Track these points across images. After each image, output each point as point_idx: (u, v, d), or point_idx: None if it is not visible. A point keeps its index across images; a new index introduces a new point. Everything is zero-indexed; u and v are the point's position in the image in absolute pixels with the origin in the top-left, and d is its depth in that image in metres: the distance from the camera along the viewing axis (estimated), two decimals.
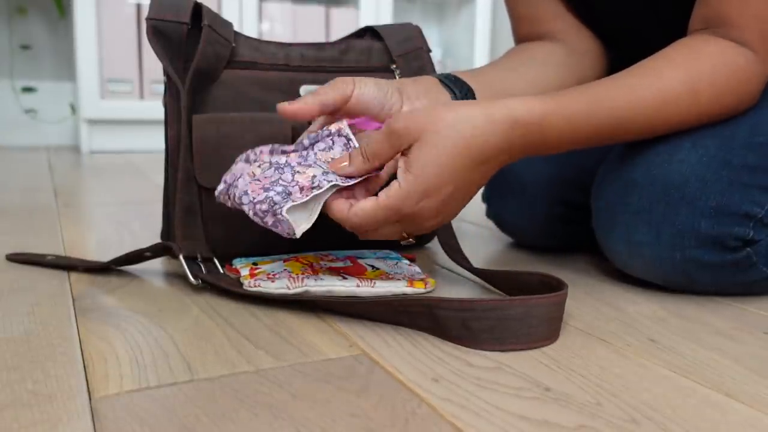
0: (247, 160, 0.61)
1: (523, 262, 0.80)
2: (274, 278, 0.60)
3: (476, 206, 1.20)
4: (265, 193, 0.55)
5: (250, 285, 0.60)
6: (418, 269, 0.68)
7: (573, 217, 0.82)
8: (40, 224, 0.93)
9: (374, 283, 0.61)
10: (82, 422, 0.38)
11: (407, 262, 0.70)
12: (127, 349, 0.49)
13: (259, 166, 0.58)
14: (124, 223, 0.96)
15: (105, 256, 0.77)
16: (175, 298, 0.61)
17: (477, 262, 0.79)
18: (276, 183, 0.56)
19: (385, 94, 0.61)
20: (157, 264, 0.73)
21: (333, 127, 0.59)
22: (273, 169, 0.57)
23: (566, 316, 0.60)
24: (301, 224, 0.55)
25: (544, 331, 0.52)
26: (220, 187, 0.61)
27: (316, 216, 0.56)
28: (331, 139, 0.59)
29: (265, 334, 0.53)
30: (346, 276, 0.62)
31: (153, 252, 0.66)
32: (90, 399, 0.41)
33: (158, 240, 0.85)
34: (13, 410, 0.40)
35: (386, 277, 0.63)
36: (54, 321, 0.55)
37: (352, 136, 0.59)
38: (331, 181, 0.55)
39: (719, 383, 0.46)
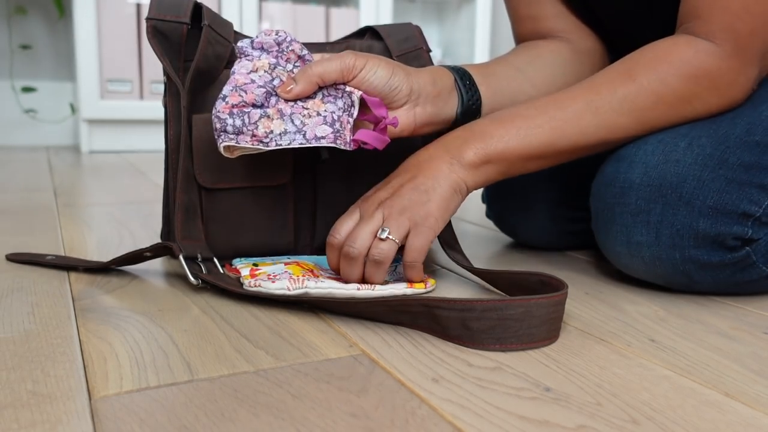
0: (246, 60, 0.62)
1: (523, 262, 0.80)
2: (275, 279, 0.60)
3: (476, 206, 1.20)
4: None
5: (250, 285, 0.60)
6: None
7: (573, 217, 0.82)
8: (40, 224, 0.93)
9: (374, 286, 0.60)
10: (82, 422, 0.38)
11: None
12: (127, 349, 0.49)
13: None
14: (124, 223, 0.96)
15: (105, 256, 0.77)
16: (175, 298, 0.61)
17: (477, 262, 0.79)
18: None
19: (390, 89, 0.63)
20: (157, 264, 0.73)
21: (348, 88, 0.61)
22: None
23: (566, 316, 0.60)
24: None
25: (545, 331, 0.52)
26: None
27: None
28: (341, 94, 0.61)
29: (265, 334, 0.53)
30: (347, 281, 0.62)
31: (153, 252, 0.66)
32: (90, 399, 0.41)
33: (158, 240, 0.85)
34: (13, 410, 0.40)
35: (386, 282, 0.63)
36: (54, 321, 0.55)
37: (357, 105, 0.61)
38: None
39: (719, 383, 0.46)
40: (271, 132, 0.58)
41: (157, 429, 0.38)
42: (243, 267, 0.65)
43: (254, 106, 0.59)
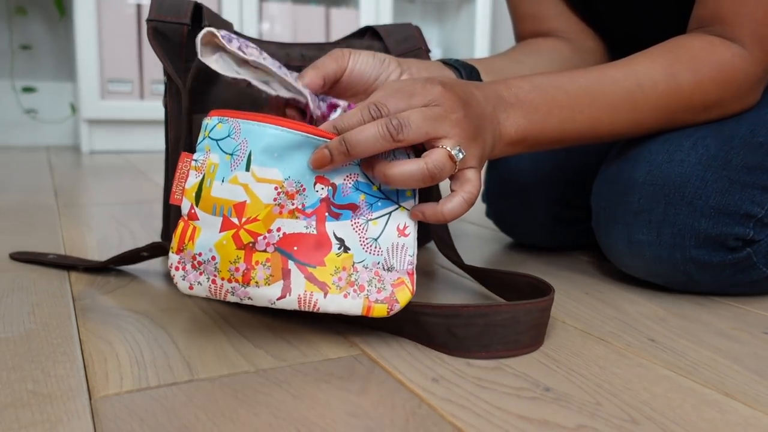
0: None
1: (522, 262, 0.80)
2: (198, 267, 0.48)
3: (476, 206, 1.20)
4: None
5: (174, 267, 0.49)
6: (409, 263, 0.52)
7: (573, 216, 0.82)
8: (40, 224, 0.93)
9: (317, 306, 0.49)
10: (82, 422, 0.38)
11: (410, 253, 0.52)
12: (127, 349, 0.49)
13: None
14: (124, 223, 0.96)
15: (105, 255, 0.77)
16: (175, 298, 0.61)
17: (476, 261, 0.79)
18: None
19: (381, 63, 0.59)
20: (156, 264, 0.73)
21: (340, 102, 0.59)
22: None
23: (566, 316, 0.60)
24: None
25: (530, 337, 0.50)
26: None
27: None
28: (327, 103, 0.59)
29: (265, 334, 0.53)
30: (287, 293, 0.48)
31: (149, 251, 0.66)
32: (90, 399, 0.41)
33: (159, 240, 0.85)
34: (13, 410, 0.40)
35: (346, 280, 0.50)
36: (54, 321, 0.55)
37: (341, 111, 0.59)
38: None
39: (719, 383, 0.46)
40: (255, 58, 0.53)
41: (157, 429, 0.38)
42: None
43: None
